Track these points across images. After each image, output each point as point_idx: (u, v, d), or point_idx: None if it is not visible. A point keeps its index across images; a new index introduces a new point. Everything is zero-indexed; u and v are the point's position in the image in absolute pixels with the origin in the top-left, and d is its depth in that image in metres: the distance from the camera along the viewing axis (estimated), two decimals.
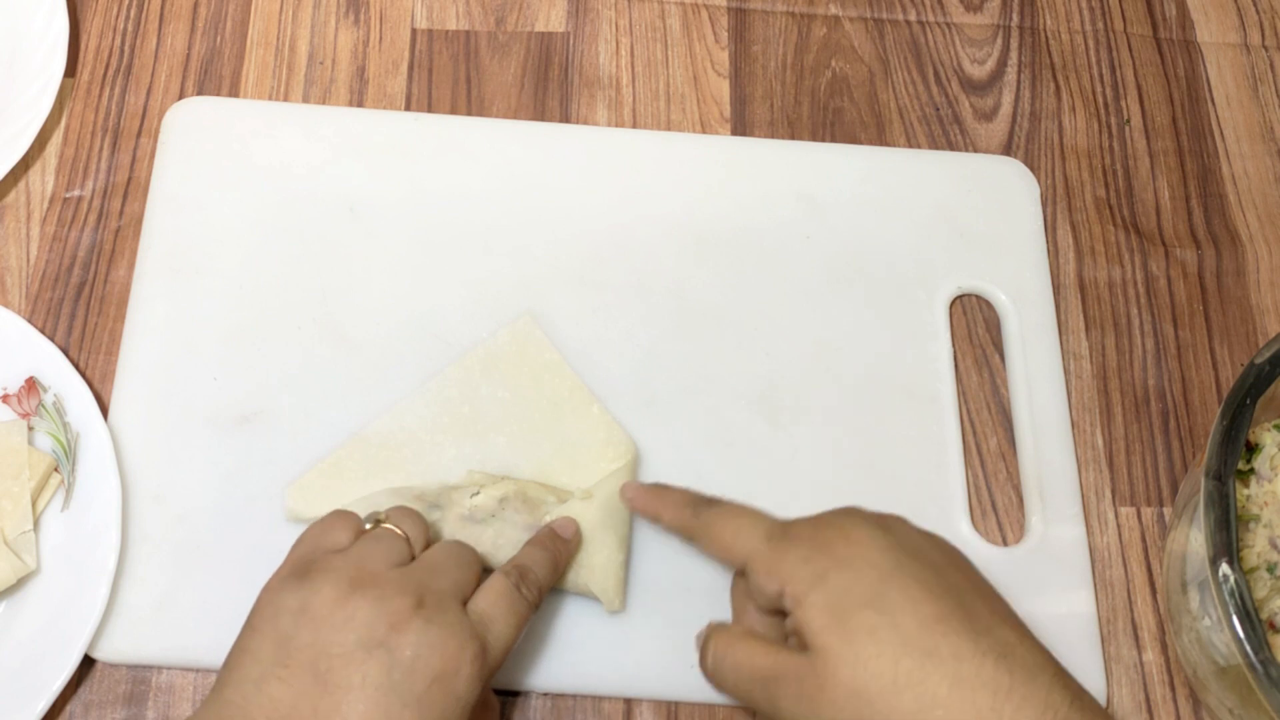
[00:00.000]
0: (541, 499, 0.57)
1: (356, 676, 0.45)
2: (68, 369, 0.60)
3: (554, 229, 0.66)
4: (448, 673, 0.46)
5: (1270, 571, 0.55)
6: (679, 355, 0.64)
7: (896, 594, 0.46)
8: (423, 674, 0.46)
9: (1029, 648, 0.46)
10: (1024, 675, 0.44)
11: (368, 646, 0.46)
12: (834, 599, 0.46)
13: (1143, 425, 0.65)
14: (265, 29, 0.72)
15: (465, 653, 0.47)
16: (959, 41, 0.75)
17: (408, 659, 0.46)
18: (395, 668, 0.45)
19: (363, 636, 0.46)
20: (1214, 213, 0.71)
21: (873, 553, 0.47)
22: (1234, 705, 0.54)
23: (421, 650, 0.46)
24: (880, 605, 0.45)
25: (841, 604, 0.46)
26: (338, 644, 0.46)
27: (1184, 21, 0.77)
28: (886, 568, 0.47)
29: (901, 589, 0.46)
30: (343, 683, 0.45)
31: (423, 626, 0.46)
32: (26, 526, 0.56)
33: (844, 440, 0.63)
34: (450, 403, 0.60)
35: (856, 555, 0.47)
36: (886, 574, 0.46)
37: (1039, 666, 0.45)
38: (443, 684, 0.46)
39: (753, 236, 0.67)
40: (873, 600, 0.46)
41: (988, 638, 0.45)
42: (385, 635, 0.46)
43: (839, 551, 0.47)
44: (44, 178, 0.67)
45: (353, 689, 0.45)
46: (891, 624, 0.45)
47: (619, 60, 0.73)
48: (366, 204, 0.66)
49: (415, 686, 0.45)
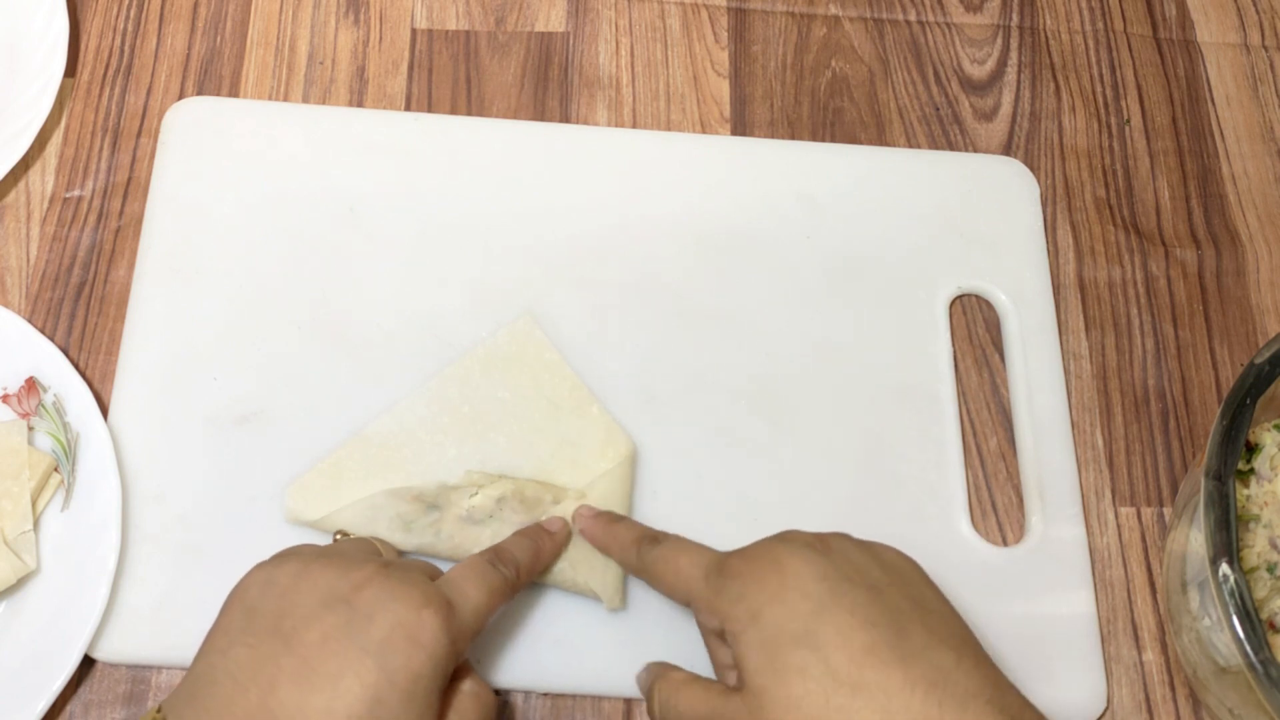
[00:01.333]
0: (539, 498, 0.57)
1: (316, 631, 0.46)
2: (68, 369, 0.60)
3: (554, 229, 0.66)
4: (408, 621, 0.46)
5: (1270, 571, 0.55)
6: (679, 355, 0.64)
7: (828, 627, 0.46)
8: (382, 622, 0.46)
9: (966, 670, 0.45)
10: (954, 705, 0.44)
11: (328, 603, 0.46)
12: (767, 636, 0.46)
13: (1143, 425, 0.65)
14: (265, 29, 0.72)
15: (429, 605, 0.47)
16: (959, 41, 0.75)
17: (367, 610, 0.46)
18: (355, 618, 0.46)
19: (324, 596, 0.46)
20: (1214, 213, 0.71)
21: (807, 583, 0.47)
22: (1234, 705, 0.54)
23: (381, 599, 0.46)
24: (811, 641, 0.45)
25: (774, 642, 0.46)
26: (301, 605, 0.46)
27: (1184, 21, 0.77)
28: (820, 598, 0.46)
29: (833, 621, 0.46)
30: (304, 638, 0.45)
31: (383, 581, 0.47)
32: (26, 526, 0.56)
33: (844, 440, 0.63)
34: (450, 403, 0.60)
35: (790, 587, 0.47)
36: (819, 606, 0.46)
37: (972, 693, 0.45)
38: (404, 631, 0.46)
39: (753, 236, 0.67)
40: (803, 636, 0.46)
41: (919, 666, 0.45)
42: (347, 593, 0.47)
43: (772, 586, 0.47)
44: (44, 178, 0.67)
45: (313, 642, 0.45)
46: (822, 660, 0.45)
47: (619, 60, 0.73)
48: (366, 204, 0.66)
49: (375, 633, 0.45)
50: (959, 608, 0.59)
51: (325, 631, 0.45)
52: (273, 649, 0.45)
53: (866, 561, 0.49)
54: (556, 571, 0.56)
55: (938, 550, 0.60)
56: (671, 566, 0.52)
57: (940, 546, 0.60)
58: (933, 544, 0.60)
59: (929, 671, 0.45)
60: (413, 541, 0.56)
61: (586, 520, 0.56)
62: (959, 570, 0.60)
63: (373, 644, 0.45)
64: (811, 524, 0.60)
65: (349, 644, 0.45)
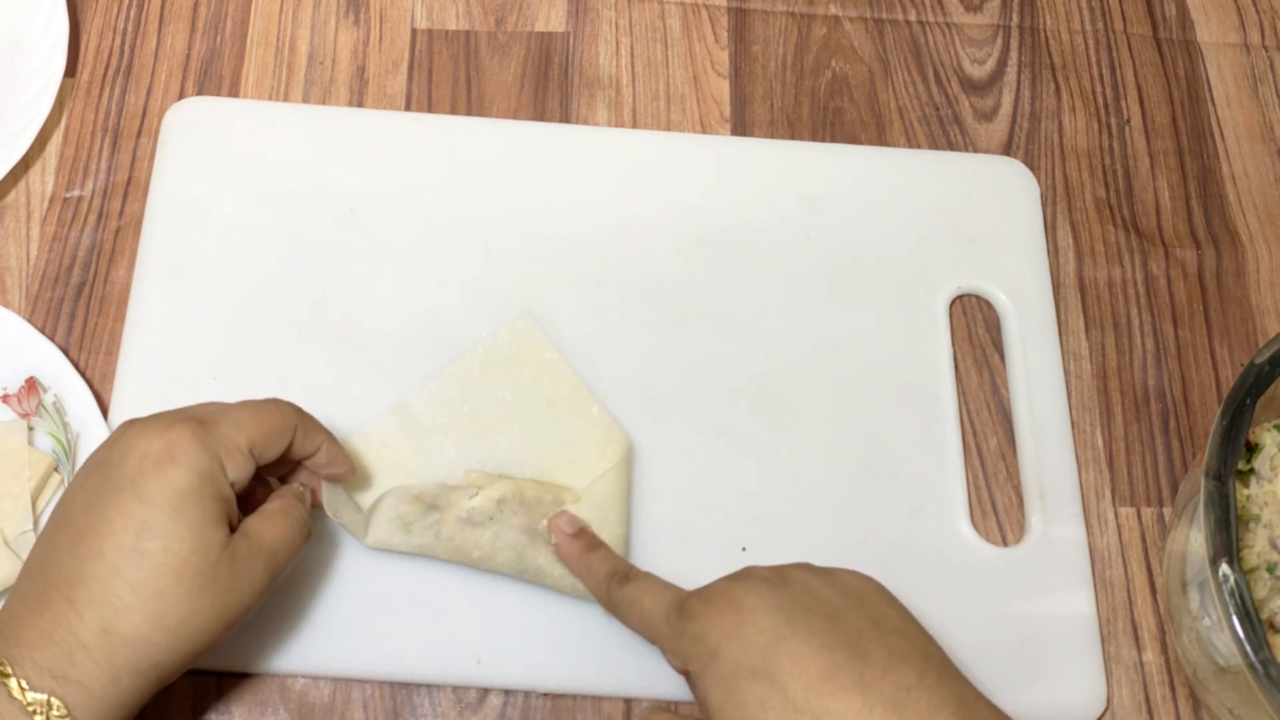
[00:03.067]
0: (539, 498, 0.57)
1: (82, 497, 0.47)
2: (68, 369, 0.60)
3: (554, 229, 0.66)
4: (155, 448, 0.46)
5: (1270, 571, 0.55)
6: (679, 355, 0.64)
7: (784, 657, 0.46)
8: (131, 459, 0.46)
9: (929, 687, 0.46)
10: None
11: (89, 470, 0.48)
12: (726, 673, 0.46)
13: (1143, 425, 0.65)
14: (265, 29, 0.72)
15: (176, 428, 0.47)
16: (959, 41, 0.75)
17: (117, 459, 0.47)
18: (109, 470, 0.47)
19: (88, 467, 0.49)
20: (1214, 213, 0.71)
21: (762, 616, 0.47)
22: (1234, 705, 0.54)
23: (126, 443, 0.47)
24: (768, 673, 0.46)
25: (733, 677, 0.46)
26: (74, 486, 0.49)
27: (1184, 21, 0.77)
28: (776, 630, 0.46)
29: (789, 651, 0.46)
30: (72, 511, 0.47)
31: (129, 428, 0.48)
32: (26, 526, 0.56)
33: (844, 440, 0.63)
34: (450, 403, 0.60)
35: (746, 623, 0.47)
36: (775, 637, 0.46)
37: (935, 708, 0.45)
38: (152, 458, 0.46)
39: (753, 236, 0.67)
40: (760, 669, 0.46)
41: (879, 687, 0.45)
42: (103, 455, 0.48)
43: (729, 623, 0.47)
44: (44, 178, 0.67)
45: (80, 508, 0.47)
46: (780, 691, 0.45)
47: (619, 60, 0.73)
48: (366, 204, 0.66)
49: (126, 471, 0.46)
50: (958, 608, 0.59)
51: (88, 494, 0.47)
52: (51, 534, 0.48)
53: (825, 589, 0.49)
54: (557, 576, 0.56)
55: (938, 550, 0.60)
56: (637, 607, 0.52)
57: (940, 546, 0.61)
58: (933, 544, 0.60)
59: (890, 692, 0.45)
60: (412, 542, 0.56)
61: (563, 537, 0.56)
62: (959, 570, 0.60)
63: (126, 480, 0.46)
64: (810, 524, 0.60)
65: (106, 491, 0.46)
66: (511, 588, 0.58)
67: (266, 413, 0.50)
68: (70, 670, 0.44)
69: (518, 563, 0.56)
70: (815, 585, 0.49)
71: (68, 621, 0.45)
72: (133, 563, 0.45)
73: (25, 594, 0.46)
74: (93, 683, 0.44)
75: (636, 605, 0.52)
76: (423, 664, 0.57)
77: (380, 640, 0.57)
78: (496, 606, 0.58)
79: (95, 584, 0.45)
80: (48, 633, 0.44)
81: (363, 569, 0.58)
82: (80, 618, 0.45)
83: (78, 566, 0.45)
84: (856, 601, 0.49)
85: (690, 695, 0.52)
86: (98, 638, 0.45)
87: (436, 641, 0.57)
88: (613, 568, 0.55)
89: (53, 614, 0.45)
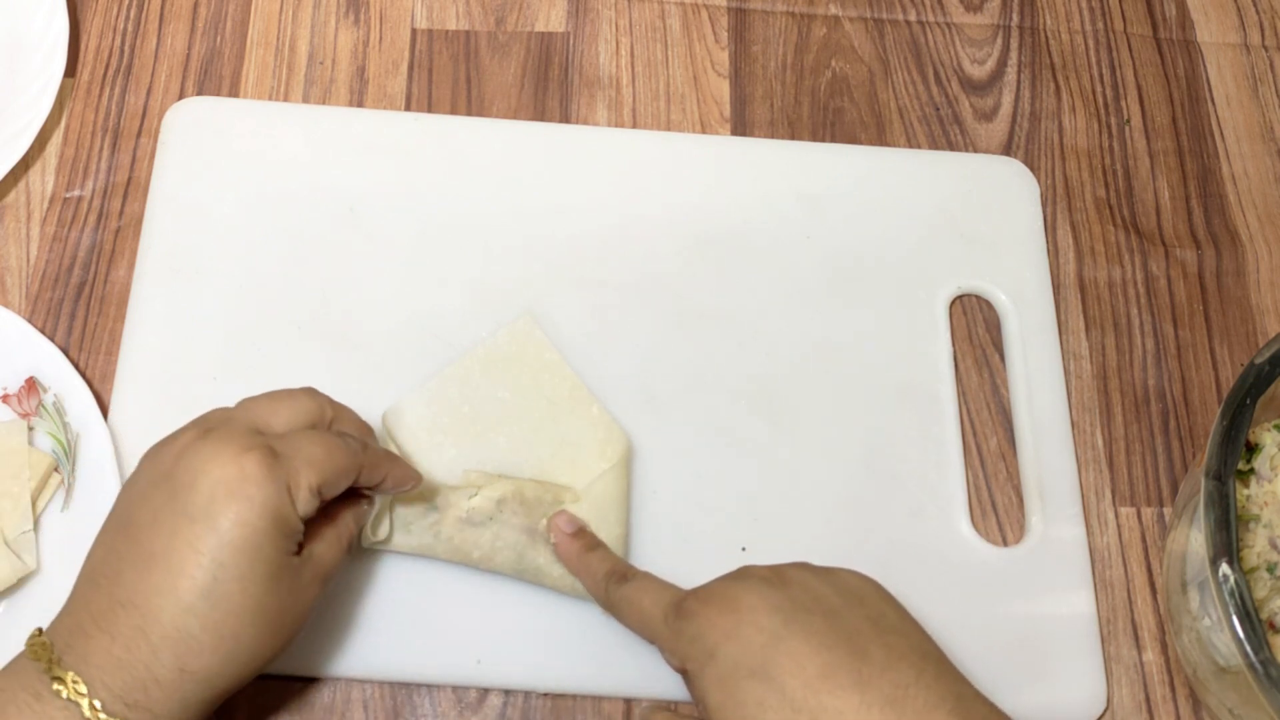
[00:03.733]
0: (539, 499, 0.57)
1: (147, 512, 0.46)
2: (68, 369, 0.60)
3: (554, 229, 0.66)
4: (228, 476, 0.45)
5: (1270, 571, 0.55)
6: (679, 355, 0.64)
7: (783, 656, 0.46)
8: (203, 487, 0.45)
9: (927, 684, 0.46)
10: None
11: (154, 482, 0.47)
12: (724, 672, 0.47)
13: (1143, 425, 0.65)
14: (265, 29, 0.72)
15: (247, 455, 0.46)
16: (959, 41, 0.75)
17: (187, 478, 0.46)
18: (178, 489, 0.46)
19: (153, 475, 0.47)
20: (1214, 213, 0.71)
21: (760, 616, 0.47)
22: (1234, 705, 0.54)
23: (198, 463, 0.46)
24: (766, 672, 0.46)
25: (732, 676, 0.46)
26: (136, 490, 0.47)
27: (1184, 21, 0.77)
28: (774, 629, 0.47)
29: (788, 650, 0.46)
30: (138, 522, 0.46)
31: (199, 445, 0.47)
32: (26, 526, 0.56)
33: (844, 440, 0.63)
34: (450, 403, 0.60)
35: (744, 622, 0.47)
36: (774, 637, 0.46)
37: (933, 706, 0.45)
38: (226, 488, 0.45)
39: (753, 236, 0.67)
40: (759, 668, 0.46)
41: (877, 685, 0.45)
42: (169, 467, 0.47)
43: (726, 623, 0.47)
44: (44, 178, 0.67)
45: (145, 524, 0.46)
46: (778, 690, 0.45)
47: (619, 60, 0.73)
48: (366, 204, 0.66)
49: (198, 499, 0.45)
50: (958, 608, 0.59)
51: (154, 510, 0.46)
52: (115, 541, 0.47)
53: (823, 588, 0.49)
54: (557, 576, 0.56)
55: (938, 550, 0.60)
56: (635, 607, 0.52)
57: (940, 546, 0.61)
58: (933, 544, 0.60)
59: (888, 690, 0.45)
60: (411, 542, 0.56)
61: (562, 537, 0.56)
62: (959, 570, 0.60)
63: (198, 509, 0.45)
64: (810, 524, 0.60)
65: (177, 516, 0.45)
66: (511, 588, 0.58)
67: (337, 453, 0.49)
68: (142, 699, 0.44)
69: (517, 563, 0.56)
70: (814, 584, 0.49)
71: (141, 654, 0.44)
72: (208, 604, 0.45)
73: (89, 602, 0.46)
74: (162, 711, 0.45)
75: (635, 605, 0.52)
76: (423, 664, 0.57)
77: (380, 640, 0.57)
78: (496, 606, 0.58)
79: (169, 621, 0.44)
80: (121, 661, 0.44)
81: (362, 570, 0.58)
82: (155, 654, 0.44)
83: (148, 597, 0.45)
84: (855, 600, 0.49)
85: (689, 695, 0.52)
86: (173, 675, 0.45)
87: (436, 641, 0.57)
88: (611, 567, 0.55)
89: (124, 642, 0.44)
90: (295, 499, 0.47)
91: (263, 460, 0.46)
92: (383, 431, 0.59)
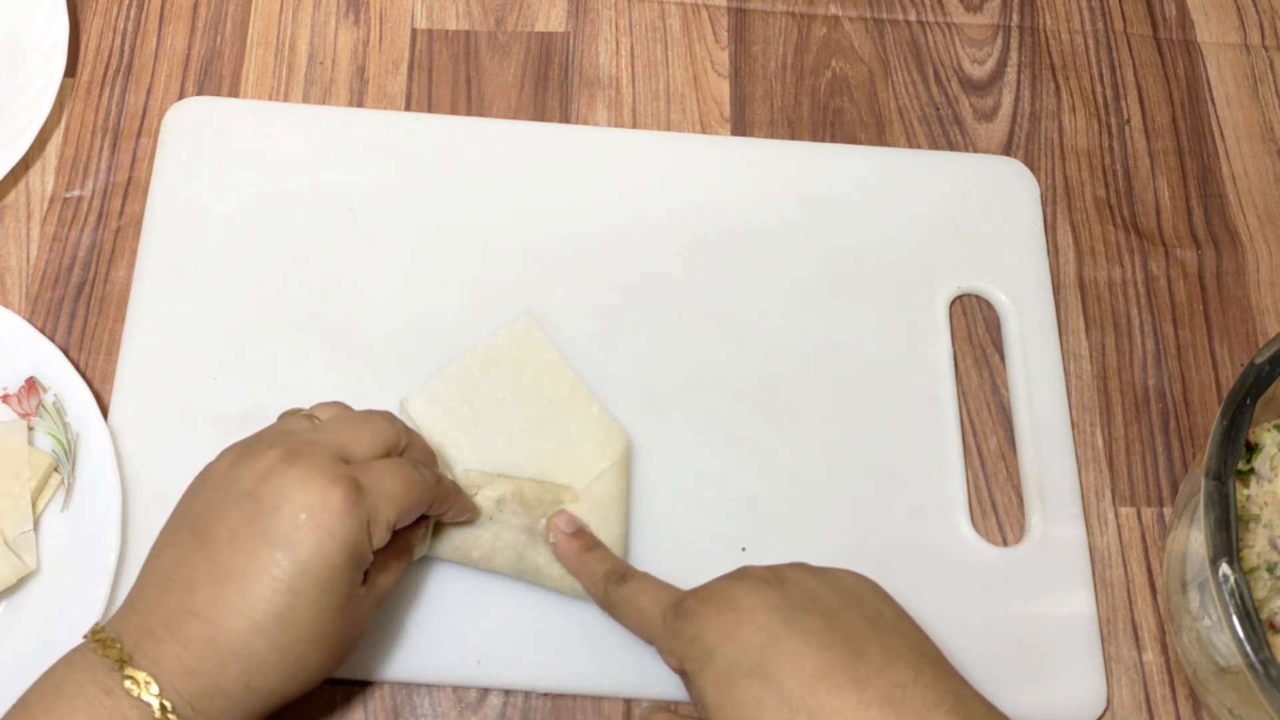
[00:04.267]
0: (539, 498, 0.57)
1: (225, 527, 0.46)
2: (68, 369, 0.60)
3: (554, 229, 0.66)
4: (314, 507, 0.46)
5: (1270, 571, 0.55)
6: (679, 355, 0.64)
7: (781, 656, 0.46)
8: (288, 513, 0.46)
9: (925, 684, 0.46)
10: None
11: (236, 498, 0.47)
12: (722, 672, 0.47)
13: (1143, 425, 0.65)
14: (265, 29, 0.72)
15: (334, 488, 0.46)
16: (959, 41, 0.75)
17: (272, 501, 0.46)
18: (260, 511, 0.46)
19: (234, 491, 0.47)
20: (1214, 213, 0.71)
21: (759, 615, 0.47)
22: (1234, 705, 0.54)
23: (284, 489, 0.46)
24: (764, 671, 0.46)
25: (730, 676, 0.46)
26: (214, 501, 0.47)
27: (1184, 21, 0.77)
28: (772, 629, 0.47)
29: (786, 649, 0.46)
30: (216, 535, 0.46)
31: (286, 469, 0.47)
32: (26, 526, 0.56)
33: (844, 440, 0.63)
34: (450, 403, 0.60)
35: (743, 622, 0.47)
36: (772, 636, 0.46)
37: (931, 705, 0.45)
38: (312, 519, 0.46)
39: (753, 236, 0.67)
40: (757, 668, 0.46)
41: (874, 684, 0.45)
42: (253, 485, 0.47)
43: (725, 623, 0.48)
44: (44, 178, 0.67)
45: (223, 539, 0.46)
46: (776, 689, 0.45)
47: (619, 60, 0.73)
48: (366, 204, 0.66)
49: (281, 525, 0.45)
50: (958, 608, 0.59)
51: (233, 527, 0.46)
52: (190, 548, 0.47)
53: (821, 588, 0.49)
54: (556, 576, 0.56)
55: (938, 550, 0.60)
56: (634, 607, 0.52)
57: (940, 546, 0.61)
58: (933, 544, 0.61)
59: (885, 690, 0.45)
60: None
61: (561, 537, 0.56)
62: (959, 570, 0.60)
63: (280, 536, 0.45)
64: (810, 524, 0.60)
65: (257, 538, 0.45)
66: (511, 588, 0.58)
67: (415, 488, 0.50)
68: (207, 707, 0.45)
69: (517, 563, 0.56)
70: (811, 585, 0.49)
71: (209, 665, 0.45)
72: (279, 628, 0.45)
73: (158, 606, 0.46)
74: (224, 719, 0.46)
75: (633, 605, 0.52)
76: (423, 664, 0.57)
77: (380, 640, 0.57)
78: (496, 606, 0.58)
79: (239, 639, 0.45)
80: (190, 669, 0.45)
81: None
82: (223, 667, 0.45)
83: (221, 613, 0.45)
84: (853, 601, 0.49)
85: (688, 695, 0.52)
86: (238, 688, 0.45)
87: (436, 641, 0.57)
88: (610, 568, 0.55)
89: (195, 651, 0.45)
90: (372, 534, 0.48)
91: (348, 495, 0.46)
92: None
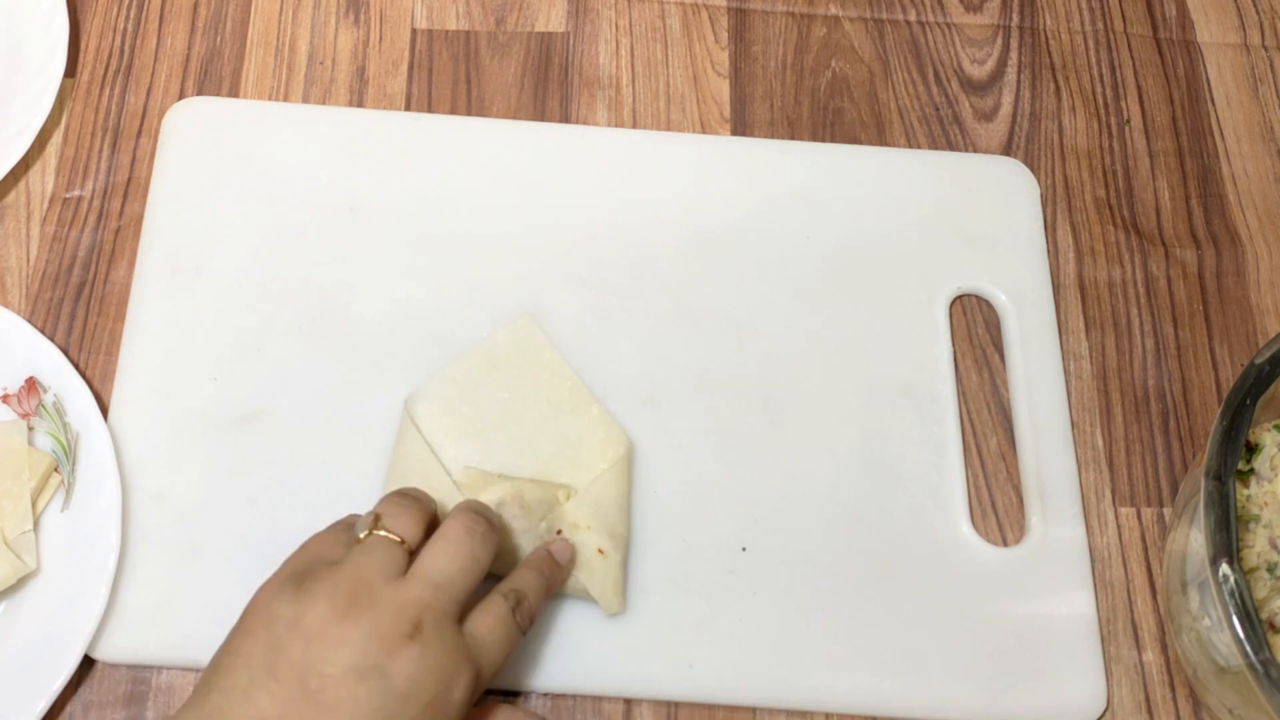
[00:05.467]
0: (539, 499, 0.57)
1: (349, 700, 0.45)
2: (68, 369, 0.60)
3: (554, 229, 0.66)
4: (440, 699, 0.46)
5: (1270, 571, 0.55)
6: (679, 355, 0.64)
7: None
8: (417, 700, 0.46)
9: None
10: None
11: (361, 671, 0.45)
12: None
13: (1143, 425, 0.65)
14: (265, 29, 0.72)
15: (460, 679, 0.47)
16: (959, 41, 0.75)
17: (402, 687, 0.45)
18: (390, 695, 0.45)
19: (356, 661, 0.45)
20: (1214, 213, 0.71)
21: None
22: (1234, 705, 0.54)
23: (416, 676, 0.46)
24: None
25: None
26: (330, 663, 0.45)
27: (1184, 21, 0.77)
28: None
29: None
30: (334, 703, 0.45)
31: (419, 653, 0.46)
32: (26, 526, 0.56)
33: (844, 440, 0.63)
34: (450, 403, 0.60)
35: None
36: None
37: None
38: (435, 709, 0.46)
39: (753, 236, 0.67)
40: None
41: None
42: (380, 660, 0.46)
43: None
44: (44, 178, 0.67)
45: (343, 711, 0.45)
46: None
47: (619, 60, 0.73)
48: (366, 204, 0.66)
49: (409, 711, 0.45)
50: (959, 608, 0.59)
51: (357, 701, 0.45)
52: (299, 708, 0.45)
53: None
54: None
55: (938, 550, 0.60)
56: None
57: (940, 546, 0.60)
58: (933, 544, 0.60)
59: None
60: None
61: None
62: (959, 570, 0.60)
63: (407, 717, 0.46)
64: (810, 524, 0.61)
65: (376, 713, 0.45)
66: None
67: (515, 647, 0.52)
68: None
69: (517, 563, 0.56)
70: None
71: None
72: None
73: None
74: None
75: None
76: None
77: None
78: None
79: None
80: None
81: None
82: None
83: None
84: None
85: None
86: None
87: None
88: None
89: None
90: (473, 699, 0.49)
91: (471, 684, 0.48)
92: None
